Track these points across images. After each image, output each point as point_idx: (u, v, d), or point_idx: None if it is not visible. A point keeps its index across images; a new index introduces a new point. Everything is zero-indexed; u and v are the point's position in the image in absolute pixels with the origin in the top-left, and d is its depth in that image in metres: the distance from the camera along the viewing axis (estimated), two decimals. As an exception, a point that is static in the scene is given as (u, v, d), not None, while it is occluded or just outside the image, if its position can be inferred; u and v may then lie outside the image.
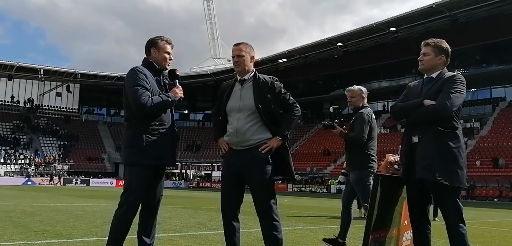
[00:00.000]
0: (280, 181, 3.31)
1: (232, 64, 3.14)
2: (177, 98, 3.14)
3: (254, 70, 3.10)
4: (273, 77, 3.10)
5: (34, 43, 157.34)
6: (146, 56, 3.18)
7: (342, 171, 7.75)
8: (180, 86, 3.21)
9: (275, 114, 3.00)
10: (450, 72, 2.99)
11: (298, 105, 3.09)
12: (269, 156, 2.95)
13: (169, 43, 3.18)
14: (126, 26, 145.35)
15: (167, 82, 3.23)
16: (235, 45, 3.08)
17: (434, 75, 3.00)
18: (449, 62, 3.05)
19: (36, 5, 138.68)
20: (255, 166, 2.93)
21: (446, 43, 3.03)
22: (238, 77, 3.08)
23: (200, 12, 57.70)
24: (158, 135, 3.04)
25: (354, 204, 4.33)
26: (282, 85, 3.07)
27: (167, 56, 3.15)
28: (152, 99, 2.95)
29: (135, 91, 2.93)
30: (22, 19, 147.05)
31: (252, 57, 3.08)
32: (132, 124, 3.06)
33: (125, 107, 3.11)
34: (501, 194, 27.64)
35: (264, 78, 3.06)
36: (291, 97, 3.08)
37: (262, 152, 2.93)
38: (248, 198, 3.08)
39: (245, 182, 3.01)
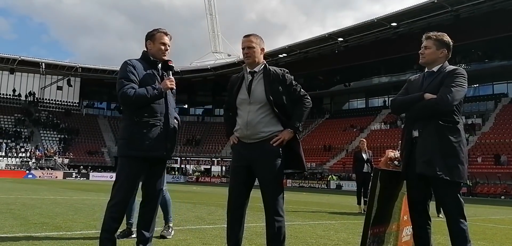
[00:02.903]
0: (289, 175, 3.26)
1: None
2: (166, 90, 3.10)
3: (265, 62, 3.06)
4: (284, 69, 3.06)
5: (37, 39, 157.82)
6: (144, 49, 3.19)
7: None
8: (172, 77, 3.16)
9: (286, 106, 2.97)
10: (451, 66, 2.96)
11: (309, 97, 3.05)
12: (280, 149, 2.92)
13: (166, 34, 3.16)
14: (129, 22, 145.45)
15: (164, 73, 3.20)
16: (245, 36, 3.03)
17: (435, 69, 2.97)
18: (450, 56, 3.01)
19: (41, 1, 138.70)
20: (266, 159, 2.89)
21: (448, 37, 2.99)
22: (248, 69, 3.03)
23: (202, 8, 57.60)
24: (149, 126, 3.01)
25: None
26: (292, 77, 3.04)
27: (163, 47, 3.13)
28: (135, 90, 2.94)
29: (120, 84, 2.97)
30: (27, 14, 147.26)
31: (262, 49, 3.04)
32: (124, 116, 3.08)
33: None
34: (507, 191, 27.47)
35: (274, 70, 3.02)
36: (302, 89, 3.05)
37: (274, 144, 2.89)
38: (252, 193, 3.05)
39: (255, 175, 2.97)
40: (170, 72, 3.19)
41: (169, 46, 3.17)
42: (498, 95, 38.64)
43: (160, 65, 3.17)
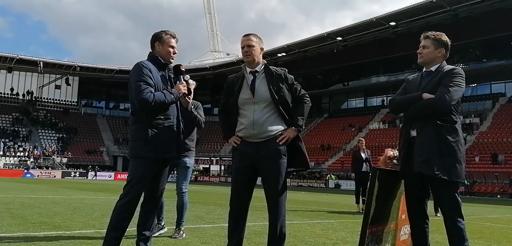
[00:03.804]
0: (294, 173, 3.29)
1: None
2: (181, 95, 3.15)
3: (265, 62, 3.08)
4: (284, 68, 3.09)
5: (36, 37, 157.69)
6: (151, 51, 3.19)
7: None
8: (184, 82, 3.20)
9: (289, 105, 3.00)
10: (449, 66, 2.97)
11: (308, 96, 3.09)
12: (285, 148, 2.94)
13: (174, 37, 3.19)
14: (127, 21, 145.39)
15: (173, 77, 3.23)
16: (245, 35, 3.05)
17: (433, 68, 2.98)
18: (448, 55, 3.02)
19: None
20: (273, 157, 2.91)
21: (446, 36, 3.00)
22: (248, 69, 3.03)
23: (201, 7, 57.49)
24: (163, 128, 3.05)
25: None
26: (292, 76, 3.07)
27: (171, 50, 3.15)
28: (154, 95, 2.96)
29: (138, 87, 2.95)
30: (25, 12, 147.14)
31: (262, 49, 3.06)
32: (138, 118, 3.07)
33: (131, 101, 3.11)
34: (504, 191, 27.51)
35: (276, 70, 3.04)
36: (301, 89, 3.08)
37: (280, 143, 2.91)
38: (254, 193, 3.06)
39: (259, 174, 2.98)
40: (181, 77, 3.22)
41: (176, 49, 3.20)
42: (496, 95, 38.72)
43: (168, 68, 3.20)
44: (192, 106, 4.43)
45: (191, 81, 3.30)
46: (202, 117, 4.62)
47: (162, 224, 4.71)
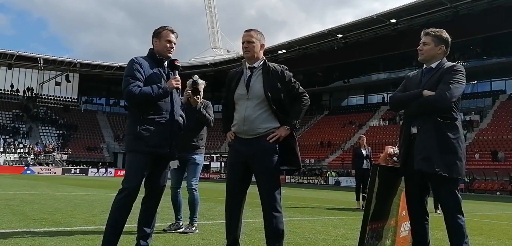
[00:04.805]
0: (285, 171, 3.26)
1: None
2: (172, 89, 3.13)
3: (264, 59, 3.06)
4: (283, 66, 3.06)
5: (37, 35, 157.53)
6: (151, 47, 3.22)
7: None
8: (178, 77, 3.20)
9: (284, 103, 2.97)
10: (449, 63, 2.97)
11: (307, 95, 3.06)
12: (277, 146, 2.93)
13: (172, 32, 3.19)
14: (127, 18, 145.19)
15: (170, 72, 3.23)
16: (246, 31, 3.03)
17: (433, 65, 2.98)
18: (448, 52, 3.02)
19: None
20: (263, 155, 2.90)
21: (446, 33, 3.00)
22: (247, 65, 3.03)
23: (201, 4, 57.41)
24: (155, 123, 3.05)
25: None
26: (291, 74, 3.04)
27: (168, 44, 3.15)
28: (140, 89, 2.97)
29: (126, 81, 3.00)
30: (26, 9, 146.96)
31: (262, 45, 3.04)
32: (130, 113, 3.11)
33: None
34: (503, 188, 27.50)
35: (274, 66, 3.01)
36: (300, 87, 3.05)
37: (270, 141, 2.90)
38: (249, 189, 3.06)
39: (252, 171, 2.97)
40: (176, 71, 3.22)
41: (174, 44, 3.19)
42: (496, 92, 38.66)
43: (166, 63, 3.20)
44: (202, 106, 4.45)
45: (200, 81, 3.27)
46: (211, 117, 4.64)
47: (180, 223, 4.74)
